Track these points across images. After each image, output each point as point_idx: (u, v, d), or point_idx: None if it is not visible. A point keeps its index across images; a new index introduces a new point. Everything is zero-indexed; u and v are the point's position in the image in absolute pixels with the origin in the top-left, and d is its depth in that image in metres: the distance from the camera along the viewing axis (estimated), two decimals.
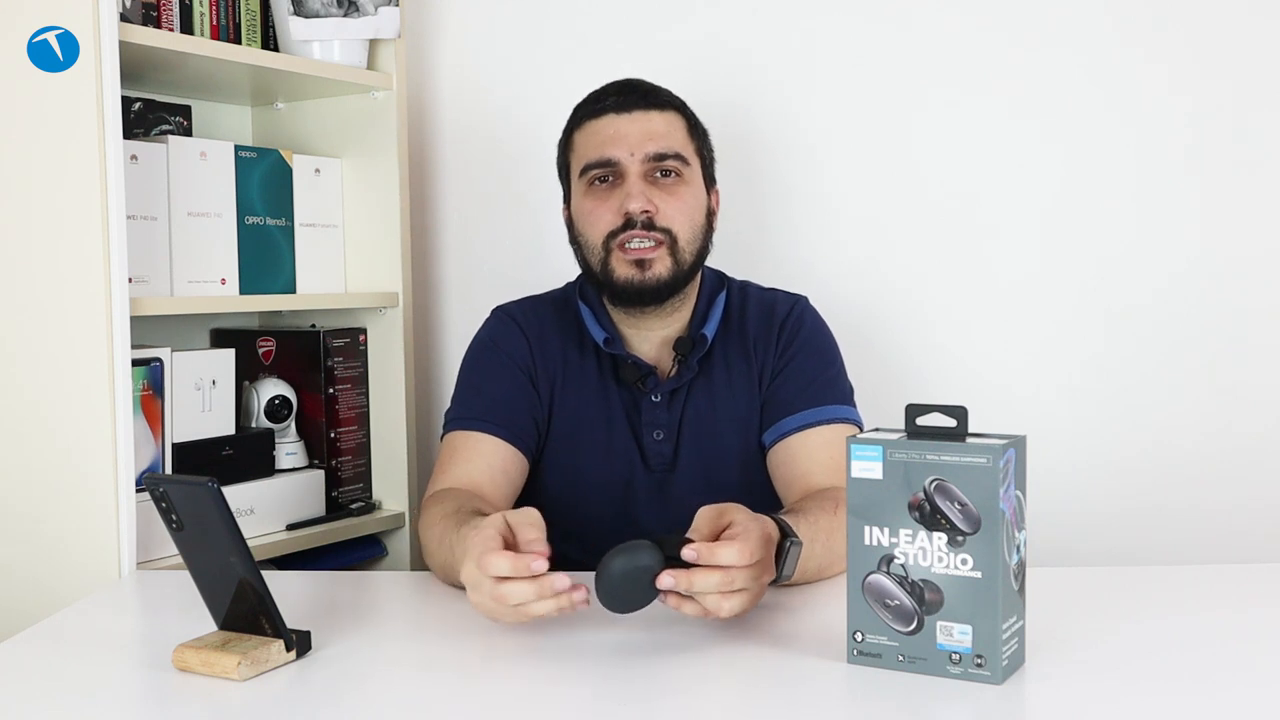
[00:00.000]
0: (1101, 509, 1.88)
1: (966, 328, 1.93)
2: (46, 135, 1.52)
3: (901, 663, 1.04)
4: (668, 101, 1.56)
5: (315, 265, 1.95)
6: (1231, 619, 1.20)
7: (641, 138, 1.51)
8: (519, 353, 1.57)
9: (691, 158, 1.54)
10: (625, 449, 1.55)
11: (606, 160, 1.51)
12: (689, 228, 1.52)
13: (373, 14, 1.90)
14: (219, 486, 1.05)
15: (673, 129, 1.54)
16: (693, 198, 1.53)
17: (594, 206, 1.52)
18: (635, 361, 1.55)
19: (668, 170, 1.51)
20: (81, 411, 1.51)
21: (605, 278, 1.52)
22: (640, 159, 1.50)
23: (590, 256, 1.54)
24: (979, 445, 1.00)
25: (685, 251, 1.51)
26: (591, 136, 1.54)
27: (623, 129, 1.51)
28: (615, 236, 1.50)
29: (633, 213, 1.48)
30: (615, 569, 1.09)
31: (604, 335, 1.55)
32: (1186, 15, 1.81)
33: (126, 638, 1.28)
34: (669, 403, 1.55)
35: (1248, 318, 1.82)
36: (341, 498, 1.96)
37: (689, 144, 1.55)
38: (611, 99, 1.54)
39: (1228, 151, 1.81)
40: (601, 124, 1.53)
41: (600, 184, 1.52)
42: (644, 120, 1.52)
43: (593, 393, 1.56)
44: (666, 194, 1.51)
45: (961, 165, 1.91)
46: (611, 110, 1.53)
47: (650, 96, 1.55)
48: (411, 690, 1.06)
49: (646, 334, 1.57)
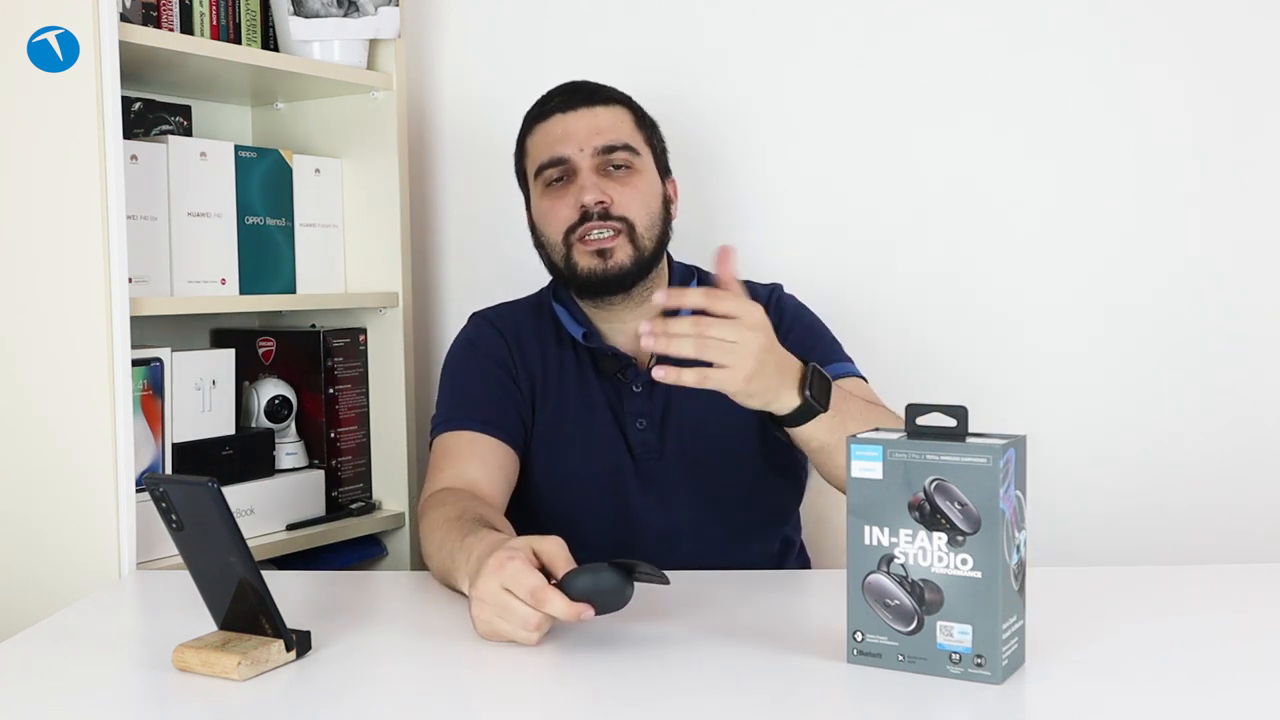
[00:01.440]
0: (1101, 509, 1.88)
1: (967, 328, 1.93)
2: (46, 135, 1.52)
3: (901, 663, 1.04)
4: (611, 96, 1.59)
5: (315, 265, 1.95)
6: (1231, 619, 1.20)
7: (589, 132, 1.54)
8: (498, 353, 1.59)
9: (641, 147, 1.57)
10: (611, 440, 1.55)
11: (558, 159, 1.54)
12: (645, 215, 1.54)
13: (373, 14, 1.90)
14: (219, 486, 1.05)
15: (619, 121, 1.57)
16: (646, 185, 1.55)
17: (551, 205, 1.55)
18: (614, 353, 1.56)
19: (618, 163, 1.54)
20: (81, 411, 1.51)
21: (570, 272, 1.54)
22: (590, 153, 1.53)
23: (553, 254, 1.56)
24: (979, 445, 1.00)
25: (644, 238, 1.53)
26: (542, 138, 1.57)
27: (570, 126, 1.55)
28: (574, 230, 1.52)
29: (588, 204, 1.51)
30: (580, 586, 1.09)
31: (581, 330, 1.57)
32: (1186, 16, 1.81)
33: (126, 638, 1.28)
34: (650, 392, 1.55)
35: (1247, 317, 1.82)
36: (341, 498, 1.96)
37: (637, 134, 1.58)
38: (556, 100, 1.58)
39: (1227, 151, 1.81)
40: (550, 125, 1.57)
41: (555, 184, 1.55)
42: (590, 116, 1.55)
43: (574, 388, 1.57)
44: (619, 184, 1.53)
45: (961, 165, 1.91)
46: (557, 110, 1.57)
47: (594, 94, 1.58)
48: (411, 690, 1.06)
49: (621, 326, 1.58)
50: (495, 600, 1.10)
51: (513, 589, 1.09)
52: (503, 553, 1.11)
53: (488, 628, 1.12)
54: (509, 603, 1.09)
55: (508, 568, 1.10)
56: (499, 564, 1.10)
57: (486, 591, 1.11)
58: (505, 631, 1.11)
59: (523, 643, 1.11)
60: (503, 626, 1.11)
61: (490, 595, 1.10)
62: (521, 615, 1.09)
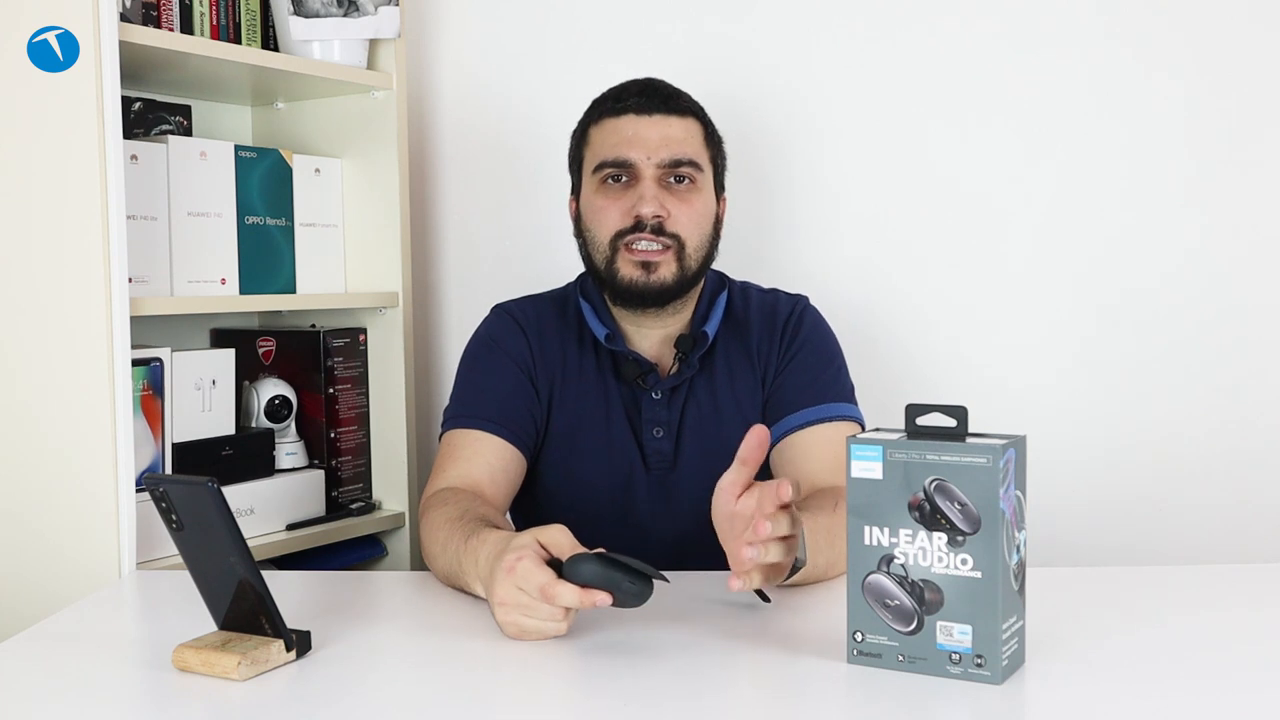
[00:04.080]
0: (1102, 508, 1.88)
1: (967, 328, 1.93)
2: (46, 135, 1.52)
3: (901, 663, 1.04)
4: (688, 108, 1.56)
5: (315, 265, 1.95)
6: (1232, 619, 1.20)
7: (660, 142, 1.51)
8: (518, 350, 1.57)
9: (705, 165, 1.55)
10: (625, 446, 1.55)
11: (623, 160, 1.51)
12: (697, 235, 1.52)
13: (373, 14, 1.90)
14: (219, 486, 1.05)
15: (690, 136, 1.54)
16: (703, 205, 1.54)
17: (605, 204, 1.52)
18: (636, 358, 1.55)
19: (681, 177, 1.52)
20: (81, 411, 1.51)
21: (609, 276, 1.52)
22: (656, 163, 1.51)
23: (595, 253, 1.54)
24: (979, 445, 1.00)
25: (691, 258, 1.52)
26: (610, 135, 1.54)
27: (642, 131, 1.52)
28: (623, 236, 1.51)
29: (644, 216, 1.49)
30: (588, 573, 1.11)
31: (605, 331, 1.56)
32: (1185, 17, 1.81)
33: (126, 638, 1.28)
34: (669, 400, 1.55)
35: (1246, 315, 1.82)
36: (341, 498, 1.96)
37: (704, 152, 1.55)
38: (633, 99, 1.54)
39: (1224, 150, 1.81)
40: (621, 123, 1.53)
41: (613, 183, 1.52)
42: (664, 125, 1.52)
43: (592, 390, 1.56)
44: (679, 200, 1.51)
45: (961, 165, 1.91)
46: (632, 111, 1.53)
47: (671, 101, 1.54)
48: (411, 690, 1.06)
49: (647, 332, 1.58)
50: (516, 601, 1.13)
51: (526, 589, 1.12)
52: (510, 555, 1.14)
53: (516, 629, 1.15)
54: (529, 602, 1.13)
55: (518, 570, 1.12)
56: (509, 567, 1.13)
57: (505, 595, 1.13)
58: (533, 628, 1.14)
59: (555, 634, 1.14)
60: (530, 624, 1.14)
61: (510, 598, 1.13)
62: (544, 610, 1.12)
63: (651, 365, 1.56)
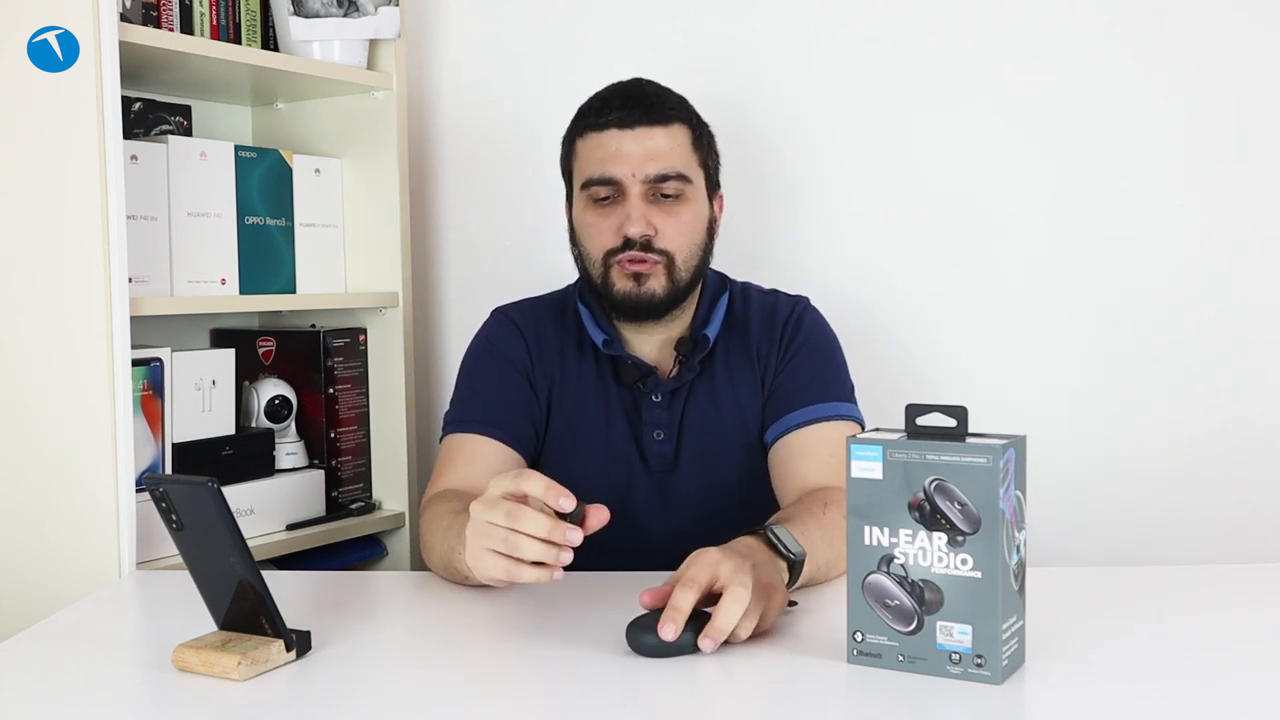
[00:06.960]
0: (1102, 508, 1.88)
1: (967, 328, 1.93)
2: (46, 135, 1.52)
3: (901, 663, 1.04)
4: (673, 113, 1.53)
5: (315, 265, 1.95)
6: (1232, 619, 1.20)
7: (643, 158, 1.49)
8: (517, 354, 1.58)
9: (695, 172, 1.53)
10: (625, 449, 1.55)
11: (608, 178, 1.50)
12: (687, 247, 1.52)
13: (373, 14, 1.90)
14: (219, 486, 1.05)
15: (676, 145, 1.52)
16: (693, 216, 1.53)
17: (594, 222, 1.52)
18: (635, 362, 1.55)
19: (669, 192, 1.51)
20: (81, 411, 1.51)
21: (605, 290, 1.53)
22: (641, 179, 1.49)
23: (590, 268, 1.55)
24: (979, 445, 1.00)
25: (682, 270, 1.52)
26: (594, 150, 1.52)
27: (625, 147, 1.50)
28: (614, 254, 1.51)
29: (632, 236, 1.49)
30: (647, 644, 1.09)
31: (603, 337, 1.56)
32: (1185, 17, 1.81)
33: (126, 638, 1.28)
34: (670, 402, 1.55)
35: (1247, 316, 1.82)
36: (341, 498, 1.96)
37: (692, 159, 1.53)
38: (615, 114, 1.51)
39: (1226, 150, 1.81)
40: (604, 138, 1.51)
41: (602, 202, 1.52)
42: (647, 138, 1.50)
43: (592, 393, 1.56)
44: (666, 215, 1.50)
45: (961, 165, 1.91)
46: (615, 125, 1.50)
47: (654, 111, 1.51)
48: (411, 690, 1.06)
49: (647, 336, 1.58)
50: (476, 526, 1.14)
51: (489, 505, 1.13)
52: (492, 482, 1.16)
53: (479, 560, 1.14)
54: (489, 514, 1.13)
55: (482, 500, 1.14)
56: (474, 506, 1.15)
57: (469, 528, 1.15)
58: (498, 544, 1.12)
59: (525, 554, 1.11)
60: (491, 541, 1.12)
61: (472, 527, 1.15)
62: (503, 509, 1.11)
63: (651, 369, 1.56)
